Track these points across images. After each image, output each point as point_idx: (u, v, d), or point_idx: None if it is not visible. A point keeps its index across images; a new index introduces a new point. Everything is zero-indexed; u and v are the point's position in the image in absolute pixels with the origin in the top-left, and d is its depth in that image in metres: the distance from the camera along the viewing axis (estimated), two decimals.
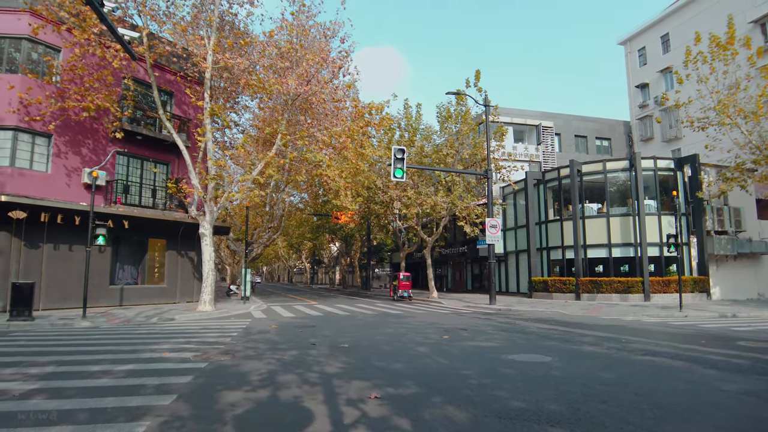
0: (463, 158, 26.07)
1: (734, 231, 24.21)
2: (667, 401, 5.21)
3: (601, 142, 37.73)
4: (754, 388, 5.74)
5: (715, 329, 12.12)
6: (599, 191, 25.42)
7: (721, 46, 19.70)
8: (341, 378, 6.30)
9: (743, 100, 19.62)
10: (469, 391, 5.60)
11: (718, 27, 20.91)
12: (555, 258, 26.11)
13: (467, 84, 24.13)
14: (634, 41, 38.45)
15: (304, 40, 18.69)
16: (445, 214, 26.59)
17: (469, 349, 8.79)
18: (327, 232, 49.04)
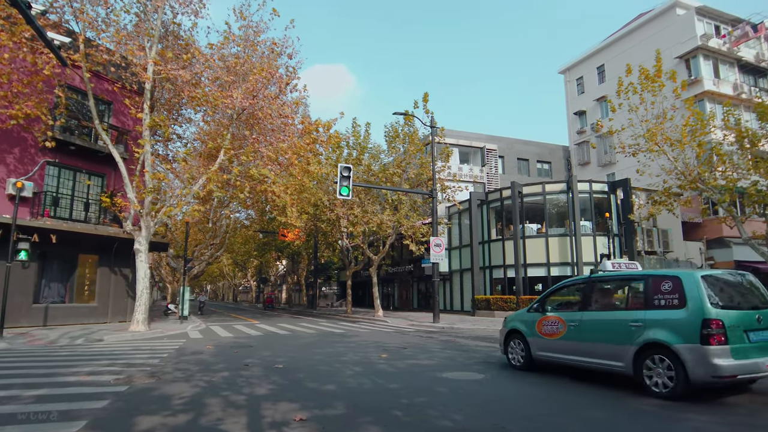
0: (410, 178, 26.42)
1: (662, 251, 25.66)
2: (592, 416, 5.38)
3: (542, 165, 39.28)
4: (666, 404, 6.01)
5: None
6: (539, 212, 26.36)
7: (649, 78, 21.05)
8: (269, 400, 6.12)
9: (669, 129, 20.96)
10: (399, 411, 5.57)
11: (648, 61, 22.35)
12: (497, 276, 26.73)
13: (415, 105, 24.59)
14: (573, 70, 40.57)
15: (251, 54, 18.52)
16: (391, 232, 26.75)
17: (406, 368, 8.78)
18: (273, 249, 48.13)
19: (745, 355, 5.89)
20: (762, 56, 31.50)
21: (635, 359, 6.48)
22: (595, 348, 7.12)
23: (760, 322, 6.18)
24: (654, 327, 6.38)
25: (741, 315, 6.15)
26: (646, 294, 6.78)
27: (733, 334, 5.90)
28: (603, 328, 7.11)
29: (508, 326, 9.13)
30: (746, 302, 6.48)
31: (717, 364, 5.72)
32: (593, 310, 7.53)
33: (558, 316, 7.97)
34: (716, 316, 5.92)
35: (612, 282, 7.81)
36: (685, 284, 6.32)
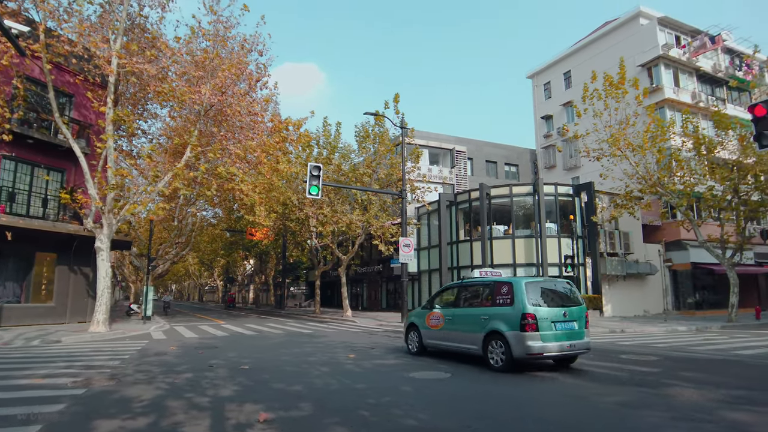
0: (380, 178, 26.48)
1: (624, 253, 26.46)
2: (550, 415, 5.51)
3: (510, 167, 39.98)
4: (629, 399, 6.21)
5: (604, 344, 13.05)
6: (506, 214, 26.80)
7: (613, 85, 21.73)
8: (234, 401, 6.05)
9: (632, 135, 21.68)
10: (365, 410, 5.59)
11: (613, 68, 23.05)
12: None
13: (386, 106, 24.66)
14: (541, 76, 41.42)
15: (221, 50, 18.22)
16: (360, 232, 26.76)
17: (374, 368, 8.81)
18: (241, 248, 47.48)
19: (551, 339, 8.15)
20: (719, 67, 32.85)
21: (483, 343, 8.75)
22: (462, 336, 9.40)
23: (566, 317, 8.48)
24: (495, 319, 8.65)
25: (551, 311, 8.39)
26: (492, 295, 9.01)
27: (543, 324, 8.15)
28: (466, 321, 9.36)
29: (408, 321, 11.32)
30: (557, 302, 8.71)
31: (530, 345, 8.01)
32: (462, 307, 9.78)
33: (440, 311, 10.15)
34: (531, 311, 8.15)
35: (474, 286, 9.92)
36: (515, 288, 8.51)
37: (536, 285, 8.79)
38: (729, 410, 5.61)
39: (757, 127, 12.62)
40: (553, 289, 9.00)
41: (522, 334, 8.07)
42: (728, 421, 5.16)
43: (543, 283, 9.09)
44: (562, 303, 8.76)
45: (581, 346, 8.57)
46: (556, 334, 8.24)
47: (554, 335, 8.22)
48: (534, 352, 8.00)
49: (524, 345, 8.02)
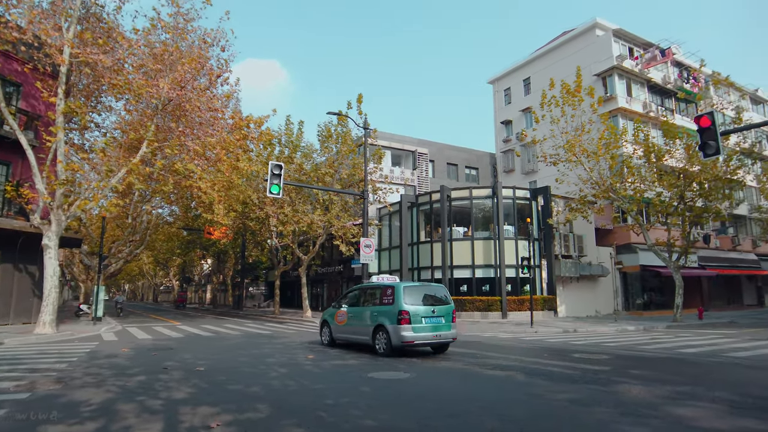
0: (342, 178, 26.41)
1: (577, 256, 27.35)
2: (507, 412, 5.64)
3: (470, 170, 40.62)
4: (581, 396, 6.43)
5: (557, 343, 13.46)
6: (466, 216, 27.23)
7: (570, 93, 22.43)
8: (188, 404, 5.91)
9: (586, 142, 22.43)
10: (323, 411, 5.57)
11: (570, 76, 23.78)
12: (425, 278, 27.30)
13: (349, 106, 24.60)
14: (501, 81, 42.30)
15: (181, 43, 17.75)
16: (321, 232, 26.61)
17: (333, 369, 8.80)
18: (198, 247, 46.38)
19: (421, 330, 10.35)
20: (668, 79, 34.42)
21: (372, 334, 10.98)
22: (359, 329, 11.55)
23: (434, 313, 10.72)
24: (381, 315, 10.83)
25: (422, 308, 10.58)
26: (381, 296, 11.22)
27: (415, 319, 10.35)
28: (363, 317, 11.55)
29: (322, 318, 13.38)
30: (428, 302, 10.88)
31: (404, 335, 10.20)
32: (360, 306, 11.95)
33: (345, 310, 12.29)
34: (405, 308, 10.36)
35: (370, 289, 12.05)
36: (396, 291, 10.75)
37: (413, 288, 11.06)
38: (673, 406, 5.89)
39: (702, 137, 13.32)
40: (426, 291, 11.22)
41: (398, 326, 10.29)
42: (673, 416, 5.41)
43: (418, 287, 11.35)
44: (433, 303, 10.96)
45: (447, 336, 10.84)
46: (425, 327, 10.47)
47: (423, 327, 10.44)
48: (407, 340, 10.23)
49: (399, 335, 10.24)
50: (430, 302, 10.90)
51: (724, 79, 23.21)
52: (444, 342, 10.91)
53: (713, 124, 13.06)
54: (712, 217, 23.27)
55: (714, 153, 13.27)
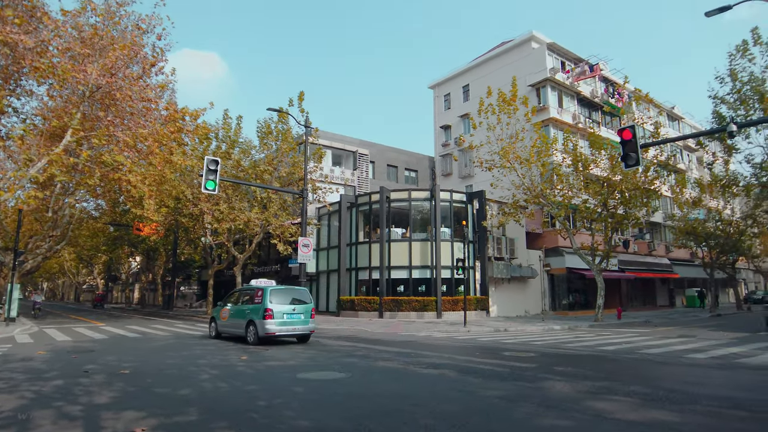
0: (281, 176, 25.98)
1: (509, 258, 28.45)
2: (440, 409, 5.78)
3: (410, 173, 41.21)
4: (509, 393, 6.70)
5: (489, 342, 13.94)
6: (405, 217, 27.62)
7: (506, 101, 23.29)
8: (111, 409, 5.63)
9: (520, 149, 23.37)
10: (255, 413, 5.48)
11: (506, 85, 24.72)
12: (362, 278, 27.43)
13: (290, 103, 24.27)
14: (442, 87, 43.24)
15: (113, 28, 16.80)
16: (259, 231, 26.06)
17: (267, 370, 8.66)
18: (126, 244, 44.00)
19: (282, 324, 12.82)
20: (596, 93, 36.53)
21: (245, 327, 13.27)
22: (236, 323, 13.81)
23: (294, 311, 13.16)
24: (252, 312, 13.18)
25: (284, 307, 13.03)
26: (253, 296, 13.58)
27: (277, 315, 12.78)
28: (240, 313, 13.84)
29: (211, 315, 15.76)
30: (290, 301, 13.29)
31: (267, 327, 12.61)
32: (239, 304, 14.23)
33: (228, 308, 14.55)
34: (269, 306, 12.76)
35: (247, 290, 14.43)
36: (264, 292, 13.10)
37: (279, 291, 13.54)
38: (593, 400, 6.27)
39: (624, 149, 14.25)
40: (292, 294, 13.76)
41: (264, 321, 12.64)
42: (592, 409, 5.76)
43: (285, 289, 13.96)
44: (296, 302, 13.38)
45: (305, 329, 13.35)
46: (286, 322, 12.91)
47: (285, 322, 12.89)
48: (270, 332, 12.62)
49: (264, 328, 12.61)
50: (293, 302, 13.33)
51: (645, 95, 24.96)
52: (303, 333, 13.50)
53: (634, 137, 14.03)
54: (632, 223, 24.93)
55: (634, 164, 14.25)
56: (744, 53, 18.07)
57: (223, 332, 14.79)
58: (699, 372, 8.83)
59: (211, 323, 15.55)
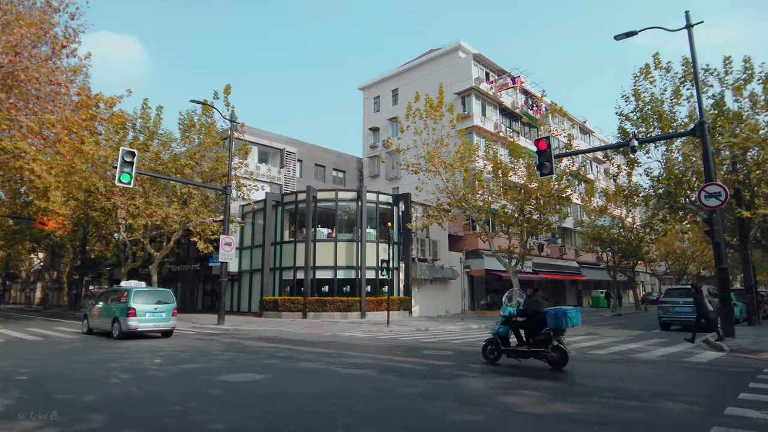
0: (204, 171, 25.01)
1: (432, 259, 29.27)
2: (359, 408, 5.89)
3: (338, 173, 41.19)
4: (427, 390, 6.93)
5: (410, 341, 14.28)
6: (331, 217, 27.59)
7: (433, 107, 23.94)
8: (5, 418, 5.22)
9: (445, 154, 24.09)
10: (169, 418, 5.31)
11: (434, 92, 25.36)
12: (287, 278, 27.08)
13: (215, 96, 23.47)
14: (372, 89, 43.64)
15: (19, 2, 15.46)
16: (178, 228, 24.92)
17: (182, 373, 8.37)
18: (27, 239, 40.39)
19: (144, 321, 14.57)
20: (516, 104, 38.47)
21: (111, 323, 14.97)
22: (105, 320, 15.42)
23: (156, 309, 14.92)
24: (118, 310, 14.81)
25: (147, 306, 14.77)
26: (120, 296, 15.31)
27: (139, 313, 14.51)
28: (108, 311, 15.48)
29: (84, 312, 17.57)
30: (152, 301, 15.09)
31: (130, 324, 14.33)
32: (108, 303, 15.85)
33: (99, 306, 16.20)
34: (132, 305, 14.46)
35: (116, 291, 16.21)
36: (129, 293, 14.84)
37: (143, 292, 15.29)
38: (504, 395, 6.65)
39: (540, 159, 15.17)
40: (156, 295, 15.61)
41: (126, 318, 14.30)
42: (503, 404, 6.12)
43: (149, 291, 15.89)
44: (157, 301, 15.15)
45: (166, 326, 15.17)
46: (147, 319, 14.65)
47: (146, 320, 14.63)
48: (131, 328, 14.29)
49: (127, 324, 14.30)
50: (153, 301, 15.04)
51: (559, 109, 26.61)
52: (166, 330, 15.27)
53: (549, 148, 14.99)
54: (546, 228, 26.47)
55: (548, 172, 15.23)
56: (646, 76, 19.75)
57: (94, 328, 16.33)
58: (600, 366, 9.60)
59: (84, 320, 17.08)
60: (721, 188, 13.14)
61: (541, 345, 8.96)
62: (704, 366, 9.54)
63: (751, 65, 18.07)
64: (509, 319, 9.66)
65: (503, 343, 9.63)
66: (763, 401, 6.06)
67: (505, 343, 9.62)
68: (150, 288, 17.22)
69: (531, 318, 9.42)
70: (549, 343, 8.88)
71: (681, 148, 19.72)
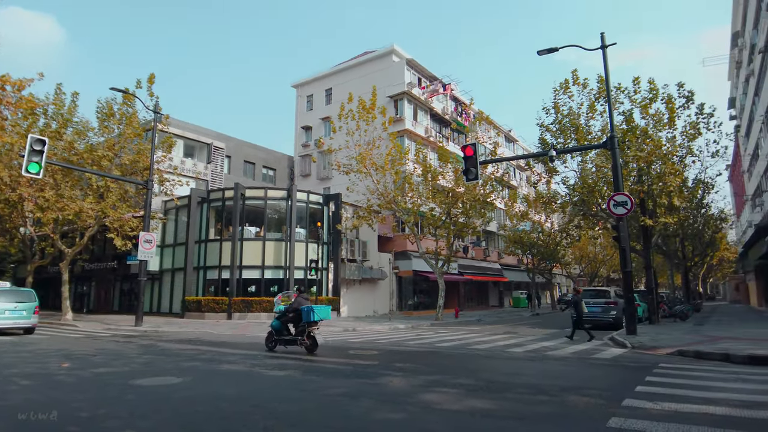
0: (124, 164, 23.62)
1: (361, 260, 29.47)
2: (282, 410, 5.85)
3: (268, 171, 40.41)
4: (350, 390, 7.00)
5: (337, 342, 14.31)
6: (260, 216, 27.07)
7: (365, 109, 24.16)
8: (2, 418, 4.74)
9: (376, 156, 24.40)
10: (75, 426, 5.02)
11: (367, 94, 25.65)
12: (211, 278, 26.23)
13: (138, 85, 22.29)
14: (305, 87, 43.24)
15: None
16: (93, 223, 23.37)
17: (93, 377, 7.92)
18: None
19: (5, 319, 15.30)
20: (447, 110, 39.61)
21: None
22: None
23: (16, 308, 15.57)
24: None
25: (7, 305, 15.43)
26: None
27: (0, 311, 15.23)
28: None
29: None
30: (12, 300, 15.76)
31: None
32: None
33: None
34: None
35: None
36: None
37: (5, 291, 15.96)
38: (425, 393, 6.85)
39: (466, 164, 15.74)
40: (14, 294, 16.27)
41: None
42: (423, 401, 6.31)
43: (9, 290, 16.58)
44: (16, 301, 15.83)
45: (27, 323, 15.96)
46: (8, 317, 15.40)
47: (6, 317, 15.38)
48: None
49: None
50: (13, 300, 15.77)
51: (486, 117, 27.80)
52: (27, 327, 16.05)
53: (475, 154, 15.60)
54: (471, 231, 27.50)
55: (474, 178, 15.86)
56: (565, 90, 21.05)
57: None
58: (516, 364, 10.14)
59: None
60: (628, 198, 14.28)
61: (300, 334, 11.21)
62: (609, 362, 10.32)
63: (655, 86, 19.72)
64: (281, 316, 11.77)
65: (277, 333, 11.71)
66: (657, 393, 6.67)
67: (279, 334, 11.69)
68: (12, 288, 17.90)
69: (293, 313, 11.53)
70: (304, 333, 11.16)
71: (594, 160, 21.14)
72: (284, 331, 11.67)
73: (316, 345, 11.18)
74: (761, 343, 11.98)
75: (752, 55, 28.21)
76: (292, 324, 11.59)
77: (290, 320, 11.56)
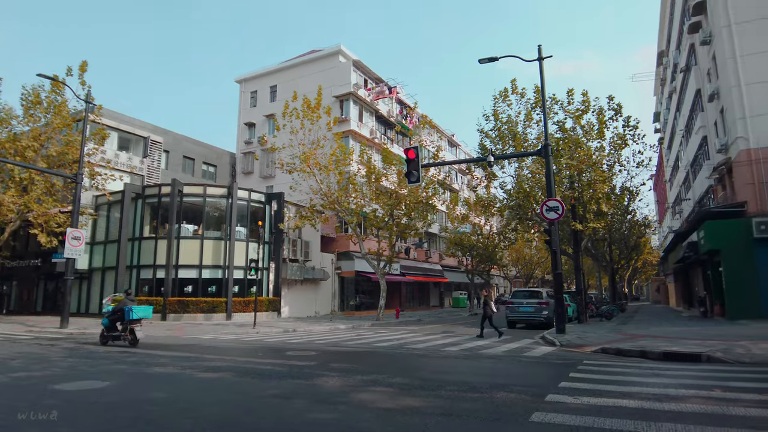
0: (50, 155, 22.26)
1: (303, 260, 29.25)
2: (210, 412, 5.76)
3: (208, 167, 39.26)
4: (284, 391, 6.98)
5: (275, 343, 14.18)
6: (198, 213, 26.29)
7: (311, 108, 24.02)
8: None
9: (320, 156, 24.31)
10: None
11: (313, 92, 25.48)
12: (145, 277, 25.20)
13: (68, 72, 21.11)
14: (249, 83, 42.37)
15: None
16: (15, 218, 21.88)
17: (9, 383, 7.48)
18: None
19: None
20: (392, 113, 40.02)
21: None
22: None
23: None
24: None
25: None
26: None
27: None
28: None
29: None
30: None
31: None
32: None
33: None
34: None
35: None
36: None
37: None
38: (359, 392, 6.95)
39: (409, 167, 16.03)
40: None
41: None
42: (357, 400, 6.40)
43: None
44: None
45: None
46: None
47: None
48: None
49: None
50: None
51: (429, 121, 28.34)
52: None
53: (418, 157, 15.92)
54: (413, 233, 27.94)
55: (416, 180, 16.19)
56: (504, 99, 21.86)
57: None
58: (450, 362, 10.45)
59: None
60: (559, 203, 15.04)
61: (124, 331, 12.79)
62: (537, 359, 10.85)
63: (588, 99, 20.85)
64: (110, 315, 13.14)
65: (107, 330, 13.13)
66: (578, 388, 7.10)
67: (108, 331, 13.10)
68: None
69: (120, 313, 12.92)
70: (126, 329, 12.74)
71: (530, 166, 22.05)
72: (113, 329, 13.00)
73: (137, 340, 12.69)
74: (675, 341, 12.96)
75: (675, 73, 30.45)
76: (119, 322, 12.92)
77: (117, 319, 12.92)
